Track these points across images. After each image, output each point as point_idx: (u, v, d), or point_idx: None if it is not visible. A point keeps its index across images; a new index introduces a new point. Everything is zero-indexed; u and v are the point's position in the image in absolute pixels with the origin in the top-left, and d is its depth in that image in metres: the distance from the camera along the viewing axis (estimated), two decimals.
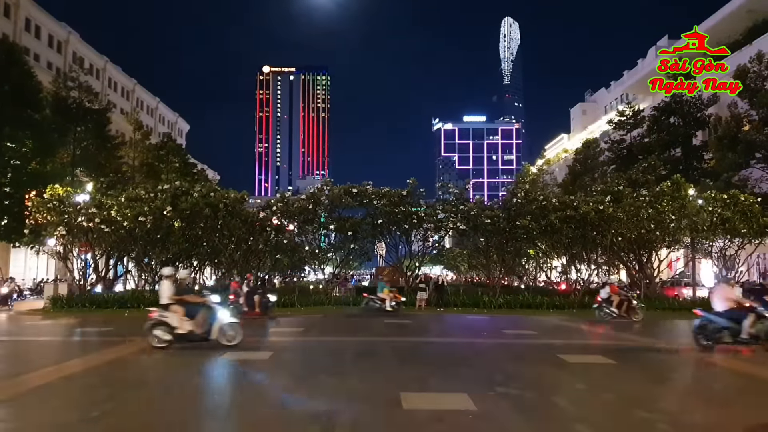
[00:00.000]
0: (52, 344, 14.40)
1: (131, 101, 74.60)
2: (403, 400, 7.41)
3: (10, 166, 34.20)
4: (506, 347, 13.57)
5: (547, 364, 10.85)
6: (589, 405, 7.80)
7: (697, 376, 10.70)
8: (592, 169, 50.40)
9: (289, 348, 13.37)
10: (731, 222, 26.80)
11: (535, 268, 44.45)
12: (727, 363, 11.44)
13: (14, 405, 7.46)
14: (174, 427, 6.50)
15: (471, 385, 8.67)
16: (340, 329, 17.78)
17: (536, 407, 7.43)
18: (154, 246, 27.72)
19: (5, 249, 39.59)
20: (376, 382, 8.98)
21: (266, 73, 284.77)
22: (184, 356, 11.36)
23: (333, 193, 28.80)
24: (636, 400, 7.74)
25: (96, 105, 42.20)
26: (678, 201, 26.89)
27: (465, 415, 6.83)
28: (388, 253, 34.92)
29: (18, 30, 51.09)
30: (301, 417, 6.79)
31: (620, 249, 28.94)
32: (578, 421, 6.68)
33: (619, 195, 28.38)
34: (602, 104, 78.72)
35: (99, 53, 66.26)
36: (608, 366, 10.70)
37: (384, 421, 6.68)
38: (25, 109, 34.04)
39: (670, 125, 41.50)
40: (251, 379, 9.53)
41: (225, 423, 6.76)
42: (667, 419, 6.77)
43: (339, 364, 10.89)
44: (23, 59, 36.42)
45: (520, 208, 27.99)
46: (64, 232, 26.62)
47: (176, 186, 27.96)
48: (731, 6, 47.28)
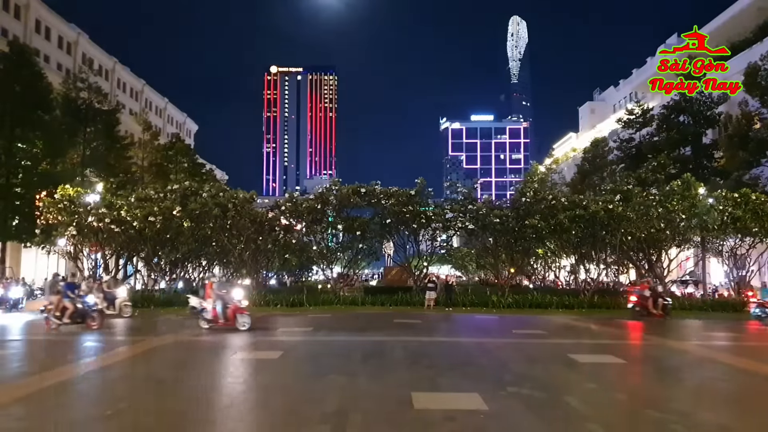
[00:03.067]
0: (66, 343, 14.46)
1: (140, 102, 74.94)
2: (414, 400, 7.42)
3: (20, 167, 34.40)
4: (516, 347, 13.53)
5: (558, 363, 10.80)
6: (601, 405, 7.76)
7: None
8: (601, 168, 50.09)
9: (298, 347, 13.38)
10: (742, 221, 26.59)
11: (544, 267, 44.36)
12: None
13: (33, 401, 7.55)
14: (187, 425, 6.55)
15: (482, 384, 8.65)
16: (349, 328, 17.77)
17: (548, 407, 7.40)
18: (163, 246, 27.87)
19: (16, 249, 39.85)
20: (387, 382, 8.97)
21: (274, 73, 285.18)
22: (198, 354, 11.41)
23: (341, 192, 28.81)
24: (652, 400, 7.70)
25: (105, 106, 42.39)
26: (688, 200, 26.72)
27: (477, 414, 6.82)
28: (396, 252, 34.95)
29: (28, 31, 51.43)
30: (312, 417, 6.79)
31: (630, 248, 28.79)
32: (591, 420, 6.65)
33: (629, 194, 28.23)
34: (611, 103, 78.25)
35: (108, 54, 66.61)
36: (618, 365, 10.64)
37: (396, 421, 6.67)
38: (35, 110, 34.23)
39: (679, 124, 41.18)
40: (262, 378, 9.55)
41: (237, 423, 6.78)
42: (679, 420, 6.73)
43: (349, 363, 10.88)
44: (34, 60, 36.61)
45: (529, 208, 27.91)
46: (75, 232, 26.83)
47: (185, 186, 28.10)
48: (741, 3, 46.89)
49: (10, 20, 49.87)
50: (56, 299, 16.60)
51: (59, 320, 16.34)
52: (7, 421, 6.57)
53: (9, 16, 49.74)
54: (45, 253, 33.79)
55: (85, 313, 16.51)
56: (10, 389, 8.29)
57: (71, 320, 16.43)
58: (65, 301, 16.47)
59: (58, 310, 16.47)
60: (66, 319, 16.38)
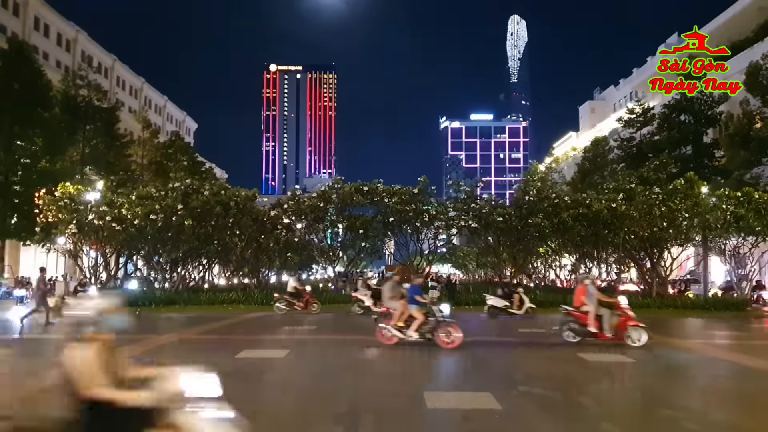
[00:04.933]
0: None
1: (139, 99, 74.80)
2: (426, 399, 7.32)
3: (20, 165, 34.31)
4: (523, 346, 13.47)
5: (567, 362, 10.71)
6: (614, 403, 7.69)
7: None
8: (602, 167, 50.08)
9: (305, 346, 13.28)
10: (745, 220, 26.52)
11: (545, 266, 44.30)
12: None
13: None
14: None
15: (493, 383, 8.56)
16: (354, 327, 17.64)
17: (562, 406, 7.32)
18: (164, 244, 27.73)
19: (15, 247, 39.72)
20: (397, 381, 8.89)
21: (273, 71, 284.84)
22: (197, 354, 11.28)
23: (344, 191, 28.73)
24: (658, 399, 7.62)
25: (105, 103, 42.32)
26: (691, 199, 26.65)
27: (491, 414, 6.73)
28: (397, 250, 34.87)
29: (27, 29, 51.27)
30: (324, 416, 6.70)
31: (632, 248, 28.73)
32: (606, 419, 6.58)
33: (632, 193, 28.16)
34: (611, 102, 78.25)
35: (107, 51, 66.45)
36: (628, 365, 10.57)
37: (410, 420, 6.59)
38: (34, 107, 34.11)
39: (680, 123, 41.11)
40: (271, 377, 9.45)
41: (247, 422, 6.67)
42: (690, 417, 6.65)
43: (356, 362, 10.79)
44: (33, 58, 36.50)
45: (532, 206, 27.83)
46: (75, 230, 26.67)
47: (187, 184, 27.99)
48: (742, 3, 46.85)
49: (9, 17, 49.72)
50: (401, 305, 12.44)
51: (401, 332, 12.22)
52: None
53: (8, 13, 49.61)
54: (44, 252, 33.65)
55: (439, 324, 12.19)
56: None
57: (419, 334, 12.18)
58: (412, 308, 12.24)
59: (401, 320, 12.37)
60: (412, 332, 12.14)
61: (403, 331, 12.08)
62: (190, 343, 13.41)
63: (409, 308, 12.10)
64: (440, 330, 11.93)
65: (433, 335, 12.01)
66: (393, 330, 12.16)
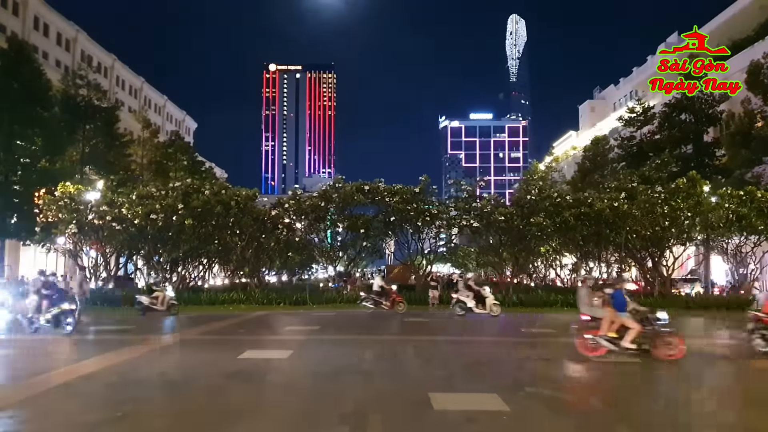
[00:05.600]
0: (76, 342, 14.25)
1: (139, 99, 74.61)
2: (432, 401, 7.24)
3: (19, 164, 34.16)
4: (527, 346, 13.40)
5: (573, 362, 10.63)
6: (623, 404, 7.62)
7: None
8: (602, 166, 50.02)
9: (308, 346, 13.19)
10: (747, 219, 26.47)
11: (545, 265, 44.24)
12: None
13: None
14: (202, 425, 6.37)
15: (499, 384, 8.49)
16: (356, 327, 17.57)
17: (571, 407, 7.26)
18: (165, 244, 27.66)
19: (15, 247, 39.60)
20: (401, 382, 8.82)
21: (272, 71, 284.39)
22: (200, 354, 11.23)
23: (345, 190, 28.67)
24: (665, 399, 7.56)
25: (105, 103, 42.18)
26: (693, 198, 26.60)
27: (499, 416, 6.65)
28: (397, 249, 34.81)
29: (27, 28, 51.08)
30: (330, 418, 6.63)
31: (634, 247, 28.68)
32: (617, 420, 6.52)
33: (634, 192, 28.11)
34: (611, 101, 78.26)
35: (107, 51, 66.28)
36: (634, 365, 10.49)
37: (416, 422, 6.51)
38: (34, 107, 33.94)
39: (681, 122, 41.11)
40: (275, 378, 9.37)
41: (254, 423, 6.61)
42: (705, 421, 6.59)
43: (360, 363, 10.69)
44: (32, 57, 36.31)
45: (534, 206, 27.76)
46: (76, 230, 26.61)
47: (188, 183, 27.94)
48: (743, 2, 46.86)
49: (9, 17, 49.51)
50: (609, 313, 10.85)
51: (613, 344, 10.66)
52: None
53: (7, 12, 49.39)
54: (44, 252, 33.54)
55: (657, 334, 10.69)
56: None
57: (636, 346, 10.55)
58: (623, 316, 10.66)
59: (612, 330, 10.76)
60: (627, 343, 10.51)
61: (615, 342, 10.63)
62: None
63: (619, 316, 10.68)
64: (658, 340, 10.60)
65: (650, 346, 10.62)
66: (602, 341, 10.71)
